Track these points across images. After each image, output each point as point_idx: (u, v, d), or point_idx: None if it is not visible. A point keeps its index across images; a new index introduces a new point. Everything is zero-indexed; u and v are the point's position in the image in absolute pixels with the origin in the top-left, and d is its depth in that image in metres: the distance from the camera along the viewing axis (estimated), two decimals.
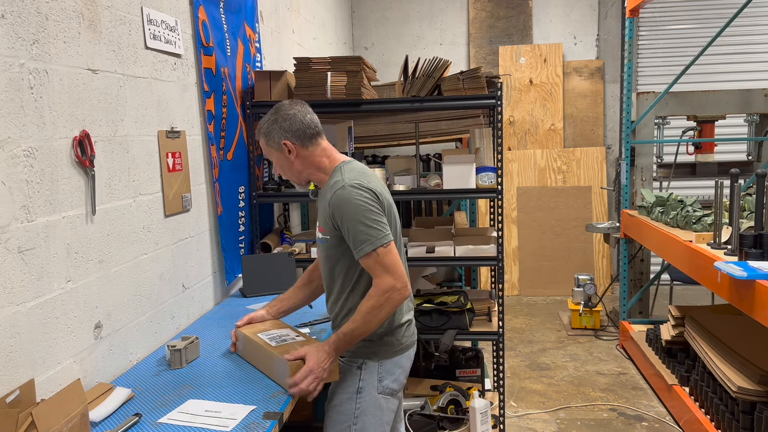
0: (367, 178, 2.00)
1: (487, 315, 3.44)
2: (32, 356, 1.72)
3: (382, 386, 2.03)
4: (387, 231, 1.94)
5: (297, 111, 2.03)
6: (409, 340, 2.10)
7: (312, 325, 2.53)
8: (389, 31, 6.75)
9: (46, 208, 1.79)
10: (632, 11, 4.63)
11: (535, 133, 6.47)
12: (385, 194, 2.04)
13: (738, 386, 2.89)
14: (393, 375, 2.05)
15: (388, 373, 2.04)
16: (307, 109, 2.07)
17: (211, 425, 1.68)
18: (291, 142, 2.01)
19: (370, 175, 2.05)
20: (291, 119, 2.01)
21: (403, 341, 2.08)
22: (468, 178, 3.22)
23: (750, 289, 2.53)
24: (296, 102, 2.08)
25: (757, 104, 4.73)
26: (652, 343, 4.23)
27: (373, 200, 1.95)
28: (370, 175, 2.04)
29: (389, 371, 2.05)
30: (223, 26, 3.04)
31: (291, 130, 2.01)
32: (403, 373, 2.10)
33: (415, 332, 2.17)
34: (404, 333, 2.08)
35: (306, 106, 2.08)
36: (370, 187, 1.96)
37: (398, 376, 2.07)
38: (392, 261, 1.92)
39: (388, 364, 2.04)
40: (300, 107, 2.05)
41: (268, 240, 3.43)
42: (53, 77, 1.82)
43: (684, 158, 5.09)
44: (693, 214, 3.59)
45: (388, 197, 2.06)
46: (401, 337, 2.07)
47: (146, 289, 2.33)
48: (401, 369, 2.08)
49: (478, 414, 3.17)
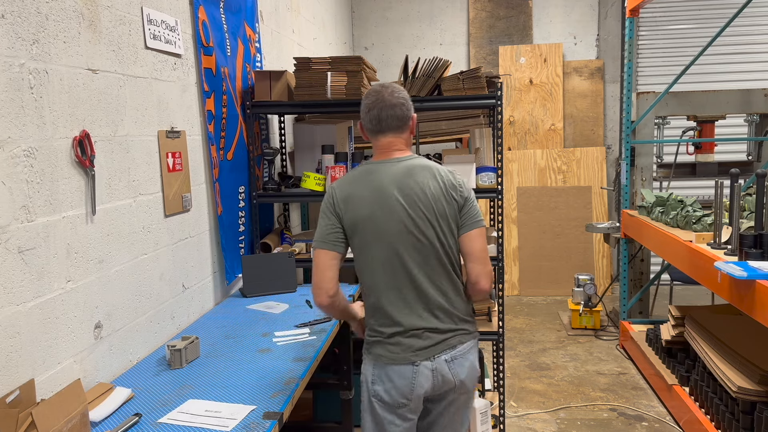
0: (341, 181, 2.04)
1: (487, 315, 3.44)
2: (32, 356, 1.72)
3: (374, 390, 1.99)
4: (320, 235, 2.00)
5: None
6: (397, 355, 1.97)
7: (312, 325, 2.53)
8: (389, 31, 6.75)
9: (46, 208, 1.79)
10: (632, 11, 4.63)
11: (535, 133, 6.47)
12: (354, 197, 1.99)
13: (738, 386, 2.89)
14: (383, 384, 1.98)
15: (379, 378, 1.99)
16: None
17: (211, 425, 1.68)
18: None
19: (353, 176, 2.05)
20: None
21: (388, 355, 1.97)
22: (468, 178, 3.22)
23: (750, 289, 2.53)
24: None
25: (757, 104, 4.73)
26: (652, 343, 4.23)
27: (324, 204, 2.02)
28: (352, 176, 2.05)
29: (380, 377, 1.99)
30: (223, 26, 3.04)
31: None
32: (395, 388, 1.96)
33: (414, 349, 1.97)
34: (386, 348, 1.98)
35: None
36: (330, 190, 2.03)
37: (389, 389, 1.97)
38: (314, 269, 2.00)
39: (378, 369, 1.99)
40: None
41: (268, 240, 3.43)
42: (53, 77, 1.82)
43: (684, 158, 5.09)
44: (693, 214, 3.59)
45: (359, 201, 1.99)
46: (382, 349, 1.99)
47: (146, 289, 2.33)
48: (392, 383, 1.96)
49: (478, 414, 3.17)
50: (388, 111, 2.01)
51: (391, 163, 2.03)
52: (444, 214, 1.99)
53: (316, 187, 3.30)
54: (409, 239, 1.97)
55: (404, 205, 1.97)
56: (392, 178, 1.99)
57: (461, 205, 2.02)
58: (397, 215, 1.97)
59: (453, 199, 2.01)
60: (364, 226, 1.97)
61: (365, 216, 1.97)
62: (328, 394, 3.29)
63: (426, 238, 1.97)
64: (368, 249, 1.99)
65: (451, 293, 2.02)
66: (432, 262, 1.99)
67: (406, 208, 1.97)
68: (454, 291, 2.03)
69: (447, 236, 2.00)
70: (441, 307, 1.99)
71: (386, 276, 1.98)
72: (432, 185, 1.99)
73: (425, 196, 1.98)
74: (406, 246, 1.97)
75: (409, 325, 1.97)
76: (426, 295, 1.98)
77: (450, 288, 2.02)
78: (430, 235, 1.98)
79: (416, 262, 1.98)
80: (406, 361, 1.96)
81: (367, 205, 1.97)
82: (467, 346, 2.03)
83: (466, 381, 2.03)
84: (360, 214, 1.97)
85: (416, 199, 1.97)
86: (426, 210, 1.98)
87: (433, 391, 1.99)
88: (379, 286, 2.00)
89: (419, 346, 1.97)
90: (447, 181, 2.01)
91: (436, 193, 1.99)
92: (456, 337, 2.01)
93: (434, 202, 1.98)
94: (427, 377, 1.96)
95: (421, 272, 1.98)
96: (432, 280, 1.99)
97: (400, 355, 1.97)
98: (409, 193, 1.97)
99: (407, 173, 2.00)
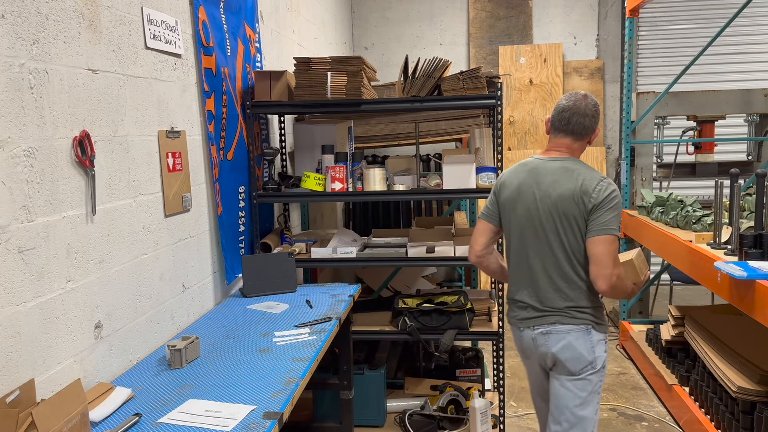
0: (511, 169, 2.46)
1: (487, 315, 3.44)
2: (32, 356, 1.72)
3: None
4: (484, 208, 2.51)
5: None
6: (511, 319, 2.46)
7: (312, 325, 2.53)
8: (389, 31, 6.75)
9: (47, 208, 1.79)
10: (632, 11, 4.63)
11: (535, 133, 6.47)
12: (507, 182, 2.41)
13: (738, 386, 2.89)
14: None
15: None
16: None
17: (211, 425, 1.68)
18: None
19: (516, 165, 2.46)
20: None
21: (509, 316, 2.48)
22: (468, 178, 3.22)
23: (750, 289, 2.53)
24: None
25: (757, 104, 4.73)
26: (652, 343, 4.23)
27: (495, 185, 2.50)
28: (516, 165, 2.46)
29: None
30: (223, 26, 3.04)
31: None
32: (515, 340, 2.48)
33: (519, 317, 2.41)
34: (510, 309, 2.48)
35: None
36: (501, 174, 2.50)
37: (516, 342, 2.47)
38: (474, 230, 2.53)
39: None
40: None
41: (268, 240, 3.43)
42: (53, 77, 1.82)
43: (684, 158, 5.09)
44: (693, 214, 3.59)
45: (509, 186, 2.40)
46: (509, 310, 2.49)
47: (146, 289, 2.33)
48: (513, 335, 2.49)
49: (478, 414, 3.17)
50: (579, 118, 2.32)
51: (547, 161, 2.36)
52: (567, 213, 2.27)
53: (316, 187, 3.30)
54: (531, 227, 2.33)
55: (536, 198, 2.32)
56: (537, 174, 2.34)
57: (589, 210, 2.24)
58: (527, 205, 2.34)
59: (582, 203, 2.25)
60: (506, 208, 2.41)
61: (509, 200, 2.39)
62: (328, 394, 3.29)
63: (543, 229, 2.31)
64: (508, 227, 2.43)
65: (560, 281, 2.31)
66: (546, 250, 2.32)
67: (536, 201, 2.31)
68: (564, 280, 2.31)
69: (567, 233, 2.28)
70: (546, 290, 2.33)
71: (515, 254, 2.42)
72: (565, 186, 2.27)
73: (554, 194, 2.28)
74: (528, 232, 2.35)
75: (519, 298, 2.41)
76: (536, 277, 2.34)
77: (558, 276, 2.31)
78: (548, 227, 2.30)
79: (534, 248, 2.34)
80: (515, 325, 2.44)
81: (513, 191, 2.38)
82: (567, 328, 2.30)
83: (559, 356, 2.31)
84: (507, 198, 2.40)
85: (545, 196, 2.30)
86: (551, 206, 2.29)
87: (538, 358, 2.39)
88: (511, 261, 2.46)
89: (522, 316, 2.40)
90: (583, 187, 2.25)
91: (566, 194, 2.26)
92: (554, 317, 2.31)
93: (559, 201, 2.27)
94: (528, 343, 2.39)
95: (537, 257, 2.34)
96: (544, 265, 2.33)
97: (513, 319, 2.45)
98: (544, 188, 2.31)
99: (552, 172, 2.32)
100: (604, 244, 2.22)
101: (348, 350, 3.01)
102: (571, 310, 2.30)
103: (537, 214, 2.30)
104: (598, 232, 2.23)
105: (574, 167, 2.31)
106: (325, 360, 2.44)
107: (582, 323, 2.30)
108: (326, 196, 3.33)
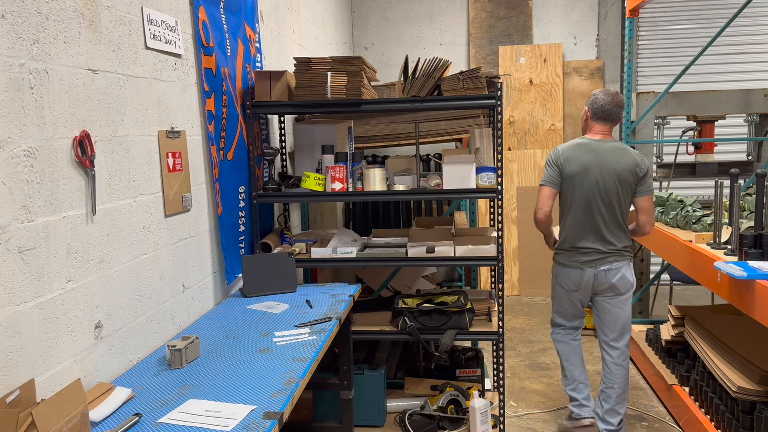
0: (564, 146, 3.23)
1: (487, 315, 3.44)
2: (32, 356, 1.72)
3: (557, 281, 3.34)
4: (547, 178, 3.21)
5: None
6: (573, 262, 3.22)
7: (312, 325, 2.53)
8: (389, 31, 6.75)
9: (47, 208, 1.79)
10: (632, 11, 4.63)
11: (535, 133, 6.47)
12: (571, 158, 3.16)
13: (738, 386, 2.89)
14: (560, 277, 3.30)
15: (559, 275, 3.31)
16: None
17: (211, 425, 1.68)
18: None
19: (573, 144, 3.21)
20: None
21: (566, 262, 3.25)
22: (468, 178, 3.22)
23: (750, 289, 2.53)
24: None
25: (757, 104, 4.73)
26: (652, 343, 4.23)
27: (550, 158, 3.23)
28: (572, 144, 3.22)
29: (558, 273, 3.32)
30: (223, 26, 3.04)
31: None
32: (568, 280, 3.25)
33: (582, 261, 3.20)
34: (566, 257, 3.26)
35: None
36: (556, 152, 3.23)
37: (564, 281, 3.28)
38: (539, 197, 3.24)
39: (559, 269, 3.31)
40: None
41: (268, 240, 3.43)
42: (53, 77, 1.82)
43: (684, 158, 5.10)
44: (693, 214, 3.59)
45: (575, 161, 3.15)
46: (563, 258, 3.27)
47: (146, 289, 2.33)
48: (567, 278, 3.26)
49: (478, 414, 3.18)
50: (615, 109, 3.17)
51: (600, 142, 3.18)
52: (626, 180, 3.12)
53: (316, 187, 3.31)
54: (598, 191, 3.13)
55: (601, 170, 3.11)
56: (598, 152, 3.15)
57: (640, 177, 3.14)
58: (594, 175, 3.12)
59: (635, 173, 3.13)
60: (573, 178, 3.16)
61: (576, 172, 3.15)
62: (328, 394, 3.29)
63: (607, 192, 3.13)
64: (573, 193, 3.18)
65: (617, 231, 3.17)
66: (609, 208, 3.14)
67: (602, 172, 3.11)
68: (620, 230, 3.18)
69: (623, 195, 3.14)
70: (605, 238, 3.16)
71: (579, 213, 3.17)
72: (624, 161, 3.12)
73: (618, 167, 3.11)
74: (595, 196, 3.13)
75: (583, 245, 3.19)
76: (600, 229, 3.16)
77: (616, 227, 3.17)
78: (611, 191, 3.13)
79: (599, 206, 3.14)
80: (576, 267, 3.21)
81: (579, 164, 3.14)
82: (620, 264, 3.18)
83: (617, 284, 3.18)
84: (573, 170, 3.15)
85: (609, 168, 3.11)
86: (615, 176, 3.11)
87: (594, 288, 3.22)
88: (571, 219, 3.20)
89: (585, 259, 3.19)
90: (633, 160, 3.12)
91: (625, 166, 3.11)
92: (613, 256, 3.17)
93: (621, 172, 3.11)
94: (589, 279, 3.19)
95: (600, 214, 3.14)
96: (605, 221, 3.15)
97: (575, 262, 3.21)
98: (606, 162, 3.12)
99: (609, 150, 3.15)
100: (650, 201, 3.19)
101: (348, 350, 3.01)
102: (623, 250, 3.18)
103: (603, 181, 3.11)
104: (645, 192, 3.16)
105: (625, 147, 3.18)
106: (325, 360, 2.44)
107: (628, 259, 3.22)
108: (326, 196, 3.33)
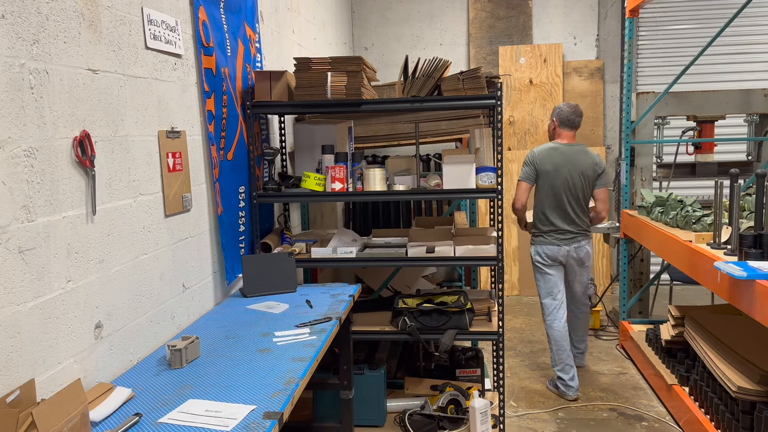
0: (539, 149, 4.06)
1: (487, 315, 3.44)
2: (32, 356, 1.72)
3: (536, 259, 4.10)
4: (524, 175, 4.02)
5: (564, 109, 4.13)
6: (553, 240, 4.03)
7: (312, 325, 2.53)
8: (389, 31, 6.76)
9: (47, 208, 1.79)
10: (632, 11, 4.63)
11: (535, 133, 6.47)
12: (545, 159, 3.99)
13: (738, 386, 2.90)
14: (540, 254, 4.08)
15: (538, 253, 4.09)
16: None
17: (211, 425, 1.68)
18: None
19: (546, 148, 4.05)
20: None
21: (544, 241, 4.05)
22: (468, 178, 3.22)
23: (750, 289, 2.54)
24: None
25: (757, 104, 4.73)
26: (652, 343, 4.23)
27: (527, 159, 4.05)
28: (545, 147, 4.05)
29: (539, 251, 4.08)
30: (223, 26, 3.04)
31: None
32: (547, 254, 4.04)
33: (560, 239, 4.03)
34: (544, 237, 4.06)
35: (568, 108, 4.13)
36: (532, 154, 4.05)
37: (543, 257, 4.06)
38: (518, 190, 4.04)
39: (538, 247, 4.09)
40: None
41: (268, 240, 3.43)
42: (53, 77, 1.83)
43: (684, 158, 5.10)
44: (693, 214, 3.60)
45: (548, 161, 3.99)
46: (542, 238, 4.08)
47: (146, 289, 2.33)
48: (546, 254, 4.05)
49: (478, 414, 3.18)
50: (577, 118, 4.05)
51: (568, 146, 4.03)
52: (588, 176, 3.99)
53: (316, 187, 3.31)
54: (567, 185, 3.97)
55: (569, 168, 3.96)
56: (566, 154, 4.00)
57: (598, 174, 4.03)
58: (563, 173, 3.96)
59: (595, 170, 4.02)
60: (546, 175, 3.98)
61: (549, 170, 3.97)
62: (328, 394, 3.29)
63: (574, 185, 3.98)
64: (546, 187, 4.00)
65: (582, 215, 4.04)
66: (576, 197, 3.99)
67: (570, 171, 3.96)
68: (584, 214, 4.06)
69: (586, 188, 4.02)
70: (574, 221, 4.01)
71: (552, 201, 3.99)
72: (586, 161, 3.99)
73: (582, 166, 3.98)
74: (565, 189, 3.97)
75: (558, 226, 4.00)
76: (569, 213, 4.00)
77: (581, 212, 4.03)
78: (577, 185, 3.98)
79: (568, 197, 3.98)
80: (554, 243, 4.02)
81: (551, 164, 3.96)
82: (585, 241, 4.07)
83: (583, 258, 4.08)
84: (547, 168, 3.97)
85: (576, 167, 3.97)
86: (580, 173, 3.97)
87: (566, 259, 4.04)
88: (547, 207, 4.00)
89: (562, 238, 4.01)
90: (593, 161, 4.02)
91: (587, 165, 3.99)
92: (581, 235, 4.05)
93: (584, 170, 3.98)
94: (565, 253, 4.02)
95: (569, 203, 3.98)
96: (573, 208, 3.99)
97: (554, 240, 4.02)
98: (573, 162, 3.98)
99: (576, 152, 4.01)
100: (606, 192, 4.10)
101: (348, 350, 3.02)
102: (586, 231, 4.07)
103: (571, 177, 3.96)
104: (602, 185, 4.06)
105: (587, 150, 4.06)
106: (325, 360, 2.44)
107: (590, 237, 4.11)
108: (326, 196, 3.33)
